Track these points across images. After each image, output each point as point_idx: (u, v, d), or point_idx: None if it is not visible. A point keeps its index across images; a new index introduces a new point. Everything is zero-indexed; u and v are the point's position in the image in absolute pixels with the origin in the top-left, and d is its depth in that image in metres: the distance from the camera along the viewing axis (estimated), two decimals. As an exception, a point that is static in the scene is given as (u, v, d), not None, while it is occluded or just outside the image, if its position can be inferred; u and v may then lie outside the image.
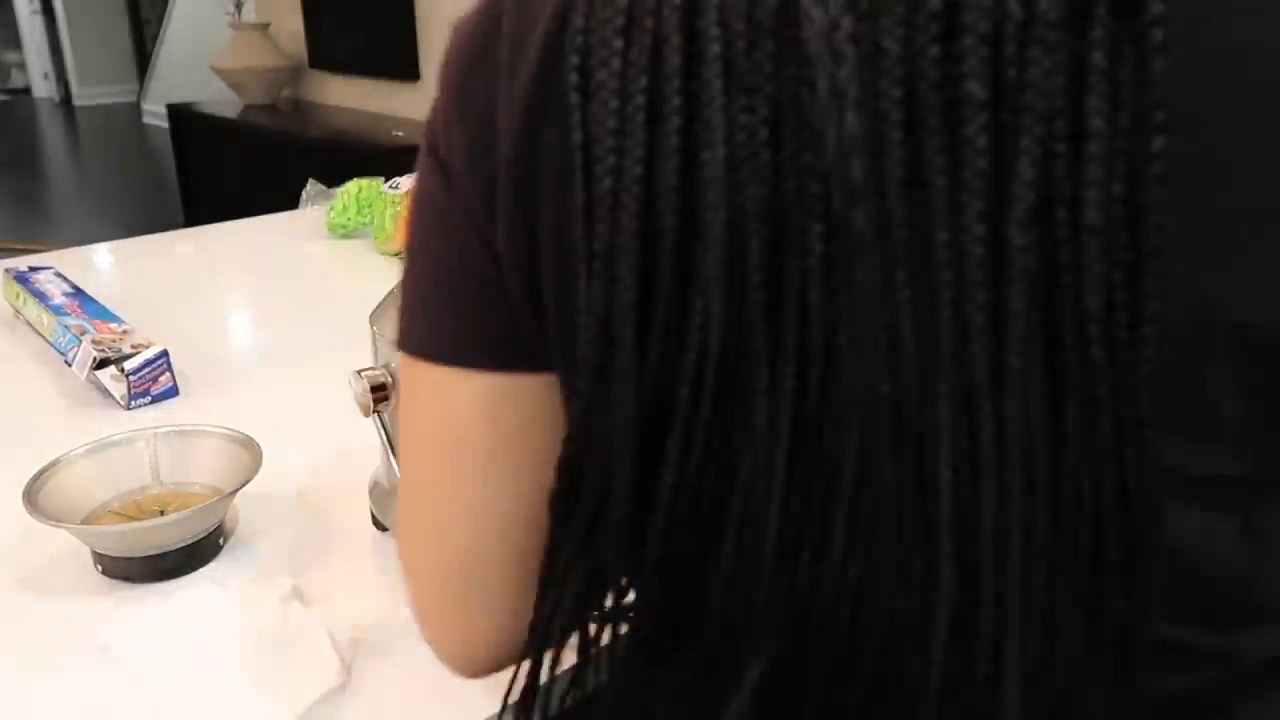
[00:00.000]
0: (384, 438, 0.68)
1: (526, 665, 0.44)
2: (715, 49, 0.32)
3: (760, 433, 0.34)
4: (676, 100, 0.32)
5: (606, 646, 0.42)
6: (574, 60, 0.34)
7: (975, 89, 0.29)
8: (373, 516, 0.75)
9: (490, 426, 0.42)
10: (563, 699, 0.44)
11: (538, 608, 0.42)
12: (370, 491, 0.75)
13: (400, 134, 3.51)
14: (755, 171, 0.32)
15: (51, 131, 7.86)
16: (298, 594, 0.67)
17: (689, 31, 0.32)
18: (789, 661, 0.37)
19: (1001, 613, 0.33)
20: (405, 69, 3.72)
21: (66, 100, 8.61)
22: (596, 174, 0.34)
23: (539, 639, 0.42)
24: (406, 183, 1.54)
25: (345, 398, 0.68)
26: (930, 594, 0.33)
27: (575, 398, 0.37)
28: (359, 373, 0.67)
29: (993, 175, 0.30)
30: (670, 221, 0.33)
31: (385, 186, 1.56)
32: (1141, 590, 0.34)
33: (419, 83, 3.73)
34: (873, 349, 0.32)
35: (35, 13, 8.36)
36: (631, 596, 0.41)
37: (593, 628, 0.42)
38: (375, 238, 1.53)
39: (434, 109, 0.41)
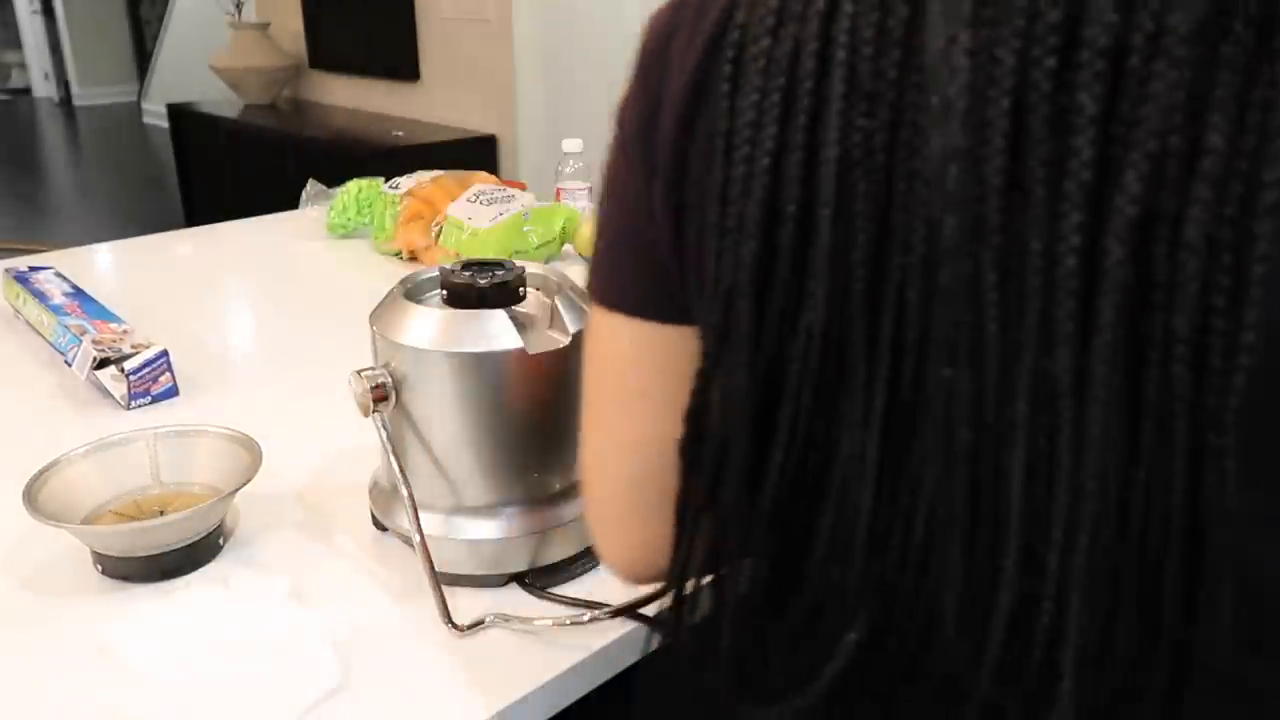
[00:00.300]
0: (384, 437, 0.68)
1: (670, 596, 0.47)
2: (841, 55, 0.34)
3: (855, 420, 0.36)
4: (806, 100, 0.35)
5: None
6: (729, 54, 0.37)
7: (1087, 101, 0.30)
8: (373, 516, 0.75)
9: (652, 368, 0.47)
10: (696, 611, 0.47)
11: (674, 550, 0.45)
12: (370, 491, 0.75)
13: (400, 134, 3.51)
14: (868, 172, 0.34)
15: (51, 131, 7.86)
16: (297, 594, 0.67)
17: (825, 37, 0.35)
18: (878, 636, 0.39)
19: (1062, 607, 0.34)
20: (405, 69, 3.72)
21: (66, 100, 8.60)
22: (733, 160, 0.37)
23: (676, 578, 0.46)
24: (406, 183, 1.54)
25: (345, 398, 0.68)
26: (993, 585, 0.35)
27: (701, 359, 0.41)
28: (359, 373, 0.67)
29: (1094, 187, 0.31)
30: (791, 210, 0.36)
31: (385, 186, 1.56)
32: (1208, 616, 0.34)
33: (419, 83, 3.73)
34: (956, 347, 0.33)
35: (35, 13, 8.35)
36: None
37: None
38: (375, 238, 1.53)
39: (624, 92, 0.45)
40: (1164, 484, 0.33)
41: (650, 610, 0.66)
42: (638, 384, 0.48)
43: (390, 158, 3.10)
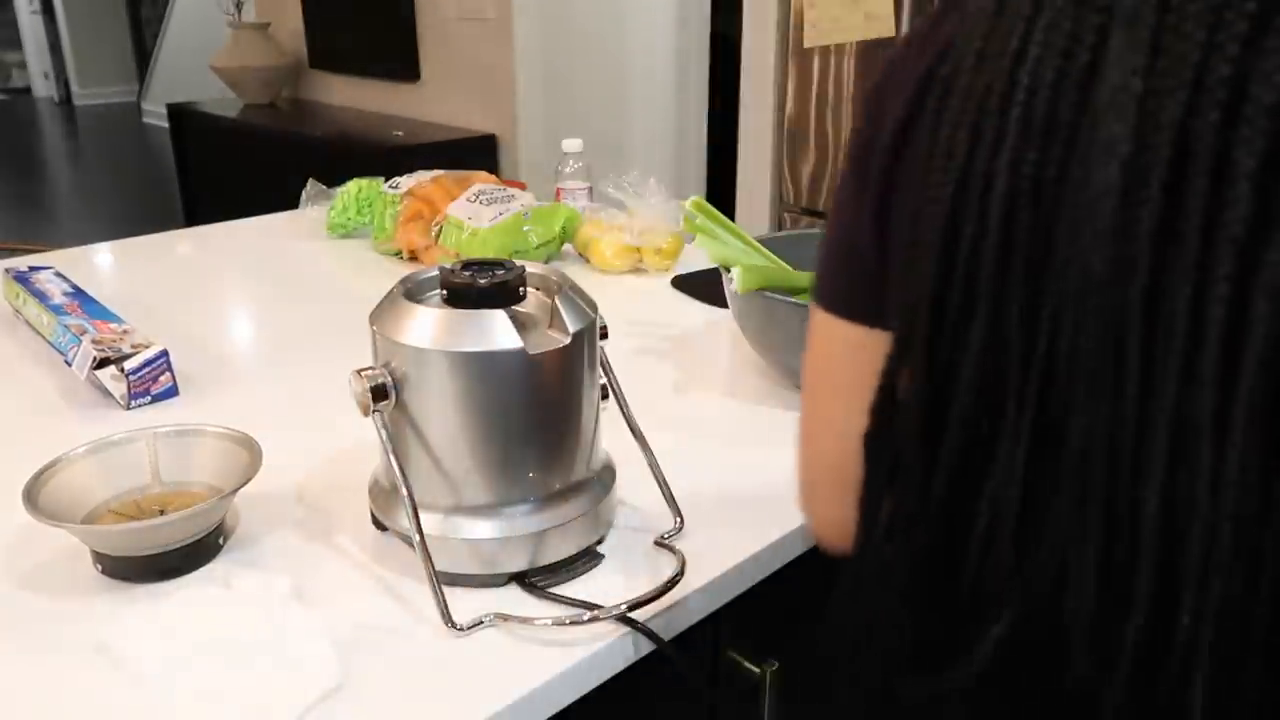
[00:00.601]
0: (384, 437, 0.68)
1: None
2: (1020, 95, 0.37)
3: (1009, 430, 0.39)
4: (990, 134, 0.38)
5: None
6: (938, 88, 0.41)
7: (1245, 156, 0.31)
8: (373, 516, 0.75)
9: (855, 366, 0.50)
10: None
11: (857, 532, 0.49)
12: (370, 491, 0.75)
13: (400, 134, 3.51)
14: (1033, 202, 0.37)
15: (51, 131, 7.86)
16: (297, 594, 0.67)
17: (1012, 77, 0.38)
18: (1020, 636, 0.42)
19: (1193, 645, 0.35)
20: (405, 69, 3.72)
21: (66, 100, 8.61)
22: (928, 183, 0.41)
23: (857, 557, 0.49)
24: (406, 182, 1.54)
25: (345, 398, 0.68)
26: (1126, 607, 0.36)
27: (886, 360, 0.45)
28: (359, 372, 0.67)
29: (1246, 240, 0.32)
30: (969, 231, 0.39)
31: (385, 186, 1.56)
32: None
33: (419, 83, 3.73)
34: (1098, 377, 0.35)
35: (35, 13, 8.36)
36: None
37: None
38: (375, 238, 1.53)
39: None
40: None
41: (650, 611, 0.66)
42: (843, 379, 0.52)
43: (390, 158, 3.10)
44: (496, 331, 0.65)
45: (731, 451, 0.90)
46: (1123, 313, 0.34)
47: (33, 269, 1.24)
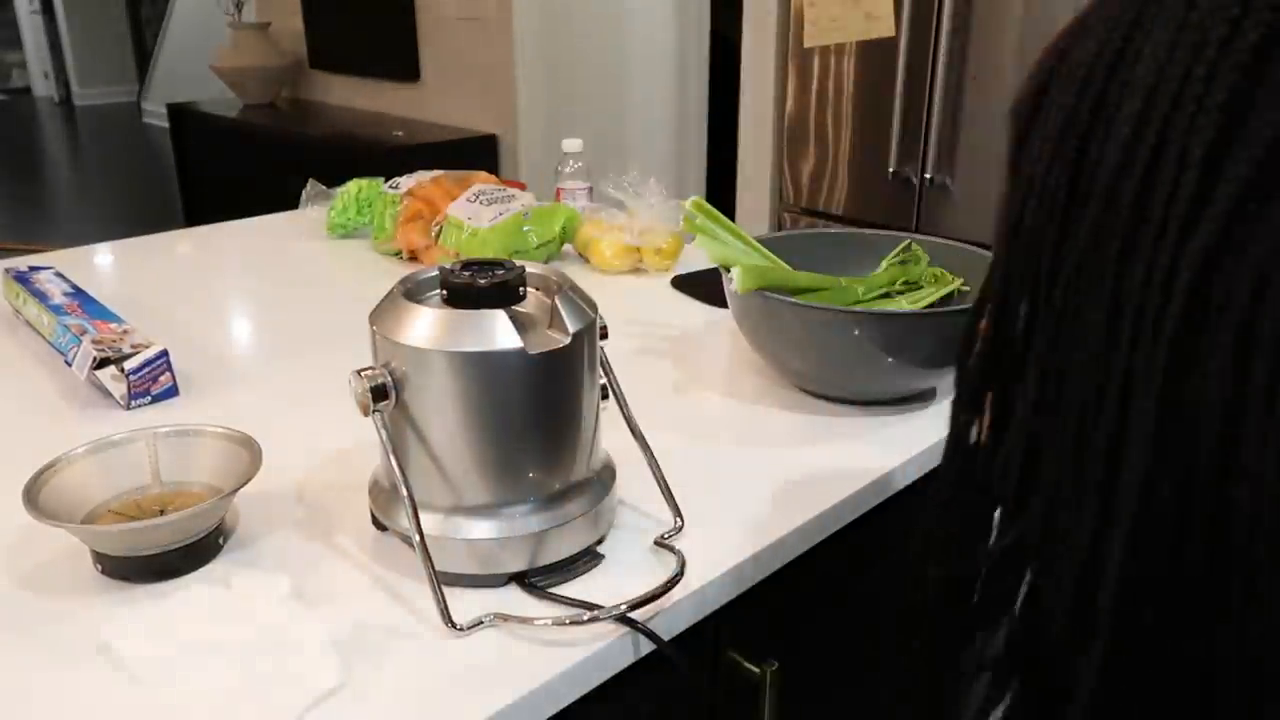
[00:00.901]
0: (384, 437, 0.68)
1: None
2: (1081, 73, 0.41)
3: (1030, 374, 0.44)
4: (1083, 116, 0.42)
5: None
6: (1058, 69, 0.45)
7: (1195, 144, 0.36)
8: (373, 516, 0.75)
9: None
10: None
11: (945, 459, 0.53)
12: (370, 491, 0.75)
13: (400, 134, 3.51)
14: (1071, 177, 0.41)
15: (51, 131, 7.87)
16: (297, 594, 0.67)
17: (1086, 62, 0.42)
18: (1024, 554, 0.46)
19: (1109, 588, 0.38)
20: (405, 69, 3.73)
21: (66, 100, 8.61)
22: (1026, 154, 0.45)
23: (944, 471, 0.54)
24: (406, 183, 1.54)
25: (345, 397, 0.68)
26: (1069, 543, 0.40)
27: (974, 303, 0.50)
28: (359, 373, 0.67)
29: (1188, 216, 0.36)
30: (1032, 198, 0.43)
31: (385, 186, 1.56)
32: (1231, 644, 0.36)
33: (419, 83, 3.73)
34: (1083, 333, 0.40)
35: (35, 12, 8.36)
36: None
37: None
38: (375, 238, 1.53)
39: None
40: (1186, 491, 0.36)
41: (648, 611, 0.66)
42: None
43: (390, 158, 3.10)
44: (496, 331, 0.65)
45: (731, 451, 0.90)
46: (1100, 272, 0.39)
47: (33, 269, 1.25)
